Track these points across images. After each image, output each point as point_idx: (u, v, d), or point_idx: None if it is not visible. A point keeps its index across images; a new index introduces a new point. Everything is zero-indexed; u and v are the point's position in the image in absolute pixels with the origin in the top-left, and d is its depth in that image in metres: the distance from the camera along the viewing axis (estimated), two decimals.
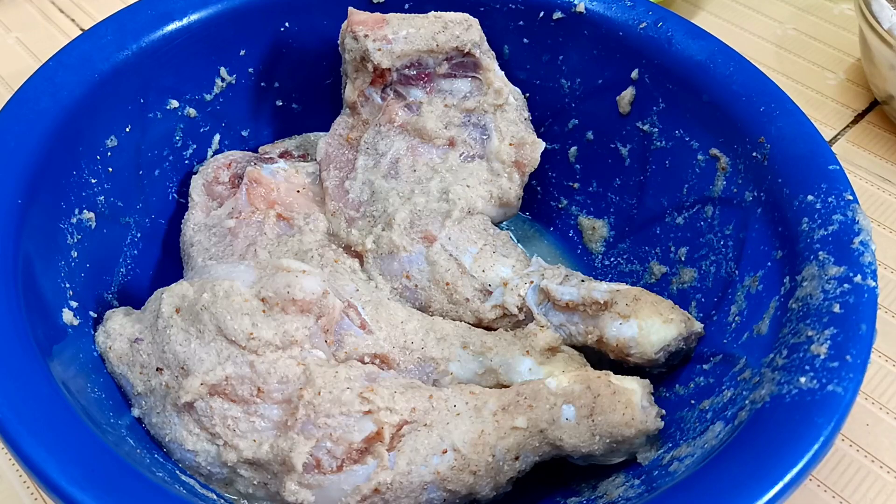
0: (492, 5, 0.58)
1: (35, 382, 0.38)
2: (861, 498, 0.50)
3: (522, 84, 0.59)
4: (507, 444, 0.44)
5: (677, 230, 0.54)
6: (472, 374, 0.48)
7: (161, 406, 0.44)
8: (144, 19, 0.54)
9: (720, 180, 0.51)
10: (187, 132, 0.57)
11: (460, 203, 0.53)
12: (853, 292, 0.41)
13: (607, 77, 0.57)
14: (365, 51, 0.54)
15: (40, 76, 0.50)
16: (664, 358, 0.48)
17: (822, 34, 0.79)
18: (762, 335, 0.44)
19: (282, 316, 0.44)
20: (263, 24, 0.58)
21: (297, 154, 0.60)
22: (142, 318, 0.47)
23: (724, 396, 0.43)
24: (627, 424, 0.44)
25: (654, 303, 0.48)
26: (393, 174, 0.54)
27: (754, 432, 0.38)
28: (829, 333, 0.40)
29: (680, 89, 0.54)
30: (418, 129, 0.55)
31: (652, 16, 0.55)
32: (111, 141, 0.52)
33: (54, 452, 0.36)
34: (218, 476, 0.44)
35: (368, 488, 0.42)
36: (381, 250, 0.52)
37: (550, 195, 0.62)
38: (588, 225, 0.60)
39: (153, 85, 0.54)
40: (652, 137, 0.56)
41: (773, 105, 0.50)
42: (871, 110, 0.72)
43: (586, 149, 0.60)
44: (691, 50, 0.53)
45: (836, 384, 0.38)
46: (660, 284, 0.54)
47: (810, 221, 0.45)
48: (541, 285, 0.50)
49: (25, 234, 0.44)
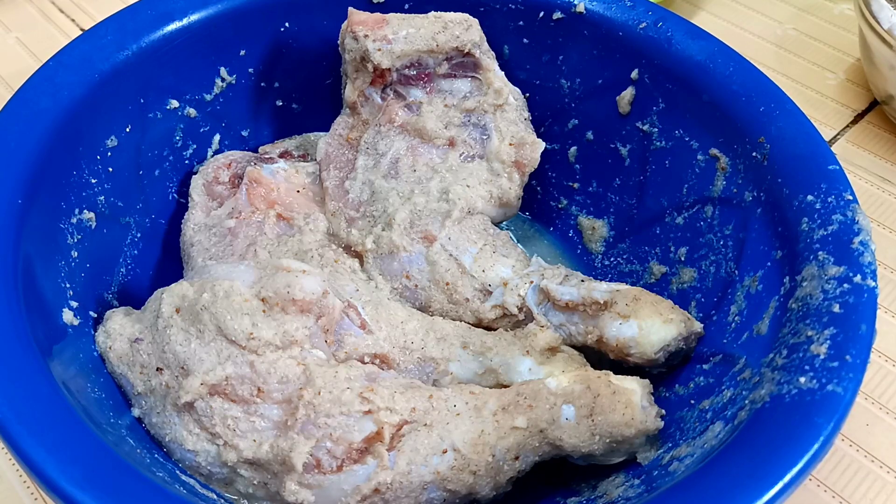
0: (492, 5, 0.58)
1: (35, 382, 0.38)
2: (861, 498, 0.50)
3: (522, 84, 0.59)
4: (507, 444, 0.44)
5: (677, 230, 0.54)
6: (472, 375, 0.48)
7: (161, 406, 0.44)
8: (144, 19, 0.54)
9: (720, 180, 0.51)
10: (187, 132, 0.57)
11: (460, 203, 0.53)
12: (853, 292, 0.41)
13: (607, 77, 0.57)
14: (365, 51, 0.54)
15: (40, 76, 0.50)
16: (664, 358, 0.48)
17: (822, 34, 0.79)
18: (762, 335, 0.44)
19: (282, 316, 0.44)
20: (263, 24, 0.58)
21: (297, 154, 0.60)
22: (142, 318, 0.47)
23: (724, 396, 0.43)
24: (627, 424, 0.44)
25: (654, 303, 0.48)
26: (393, 174, 0.54)
27: (754, 432, 0.38)
28: (828, 333, 0.40)
29: (680, 89, 0.54)
30: (418, 129, 0.55)
31: (652, 16, 0.55)
32: (111, 141, 0.52)
33: (54, 452, 0.36)
34: (218, 476, 0.44)
35: (368, 488, 0.42)
36: (381, 250, 0.52)
37: (550, 195, 0.62)
38: (588, 225, 0.60)
39: (153, 85, 0.54)
40: (652, 137, 0.56)
41: (772, 105, 0.50)
42: (871, 110, 0.72)
43: (586, 149, 0.60)
44: (691, 50, 0.53)
45: (836, 384, 0.38)
46: (660, 284, 0.54)
47: (810, 221, 0.45)
48: (541, 285, 0.50)
49: (25, 234, 0.44)
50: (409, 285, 0.52)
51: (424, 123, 0.55)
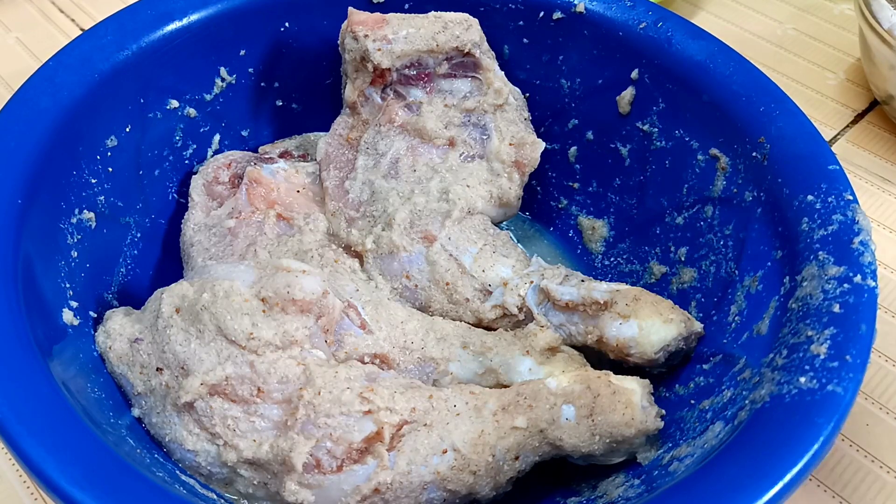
0: (492, 5, 0.58)
1: (35, 382, 0.38)
2: (861, 498, 0.50)
3: (522, 84, 0.59)
4: (507, 444, 0.44)
5: (677, 230, 0.54)
6: (472, 374, 0.48)
7: (161, 406, 0.44)
8: (144, 19, 0.54)
9: (720, 180, 0.51)
10: (187, 132, 0.57)
11: (460, 203, 0.53)
12: (853, 292, 0.41)
13: (607, 77, 0.57)
14: (365, 51, 0.54)
15: (40, 76, 0.50)
16: (664, 358, 0.48)
17: (822, 34, 0.79)
18: (762, 335, 0.44)
19: (282, 316, 0.44)
20: (263, 24, 0.58)
21: (297, 154, 0.60)
22: (142, 318, 0.47)
23: (724, 396, 0.43)
24: (627, 424, 0.44)
25: (654, 303, 0.48)
26: (393, 174, 0.54)
27: (754, 432, 0.38)
28: (828, 333, 0.40)
29: (680, 89, 0.54)
30: (418, 129, 0.55)
31: (652, 16, 0.55)
32: (111, 141, 0.52)
33: (54, 452, 0.36)
34: (218, 476, 0.44)
35: (368, 488, 0.42)
36: (381, 250, 0.52)
37: (550, 195, 0.62)
38: (588, 225, 0.60)
39: (153, 85, 0.54)
40: (652, 137, 0.56)
41: (773, 105, 0.50)
42: (871, 110, 0.72)
43: (586, 149, 0.60)
44: (691, 50, 0.53)
45: (836, 384, 0.38)
46: (660, 284, 0.54)
47: (810, 221, 0.45)
48: (541, 285, 0.50)
49: (25, 234, 0.44)
50: (408, 285, 0.52)
51: (424, 123, 0.55)
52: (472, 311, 0.51)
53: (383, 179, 0.54)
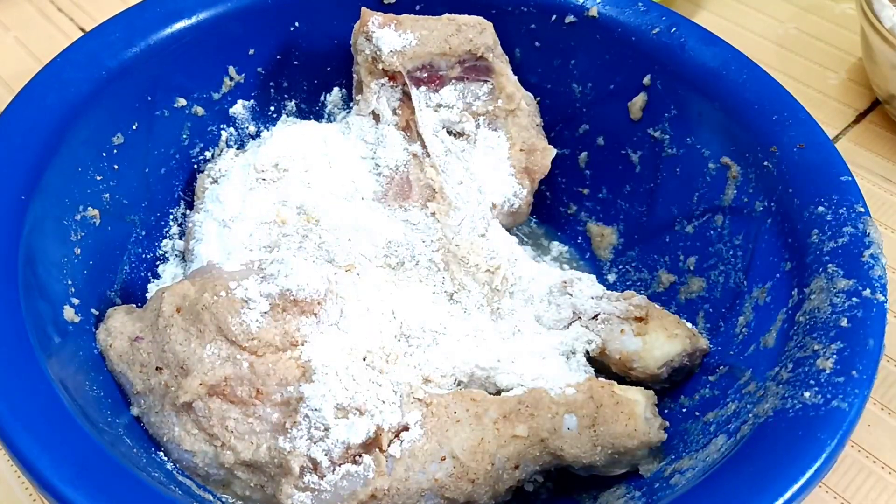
0: (503, 8, 0.58)
1: (31, 379, 0.38)
2: (862, 498, 0.49)
3: (533, 88, 0.59)
4: (507, 453, 0.43)
5: (687, 239, 0.53)
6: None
7: (160, 405, 0.44)
8: (153, 17, 0.54)
9: (731, 189, 0.51)
10: (194, 131, 0.57)
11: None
12: (861, 306, 0.40)
13: (619, 82, 0.56)
14: (377, 52, 0.54)
15: (47, 72, 0.50)
16: (667, 374, 0.47)
17: (824, 33, 0.79)
18: (769, 348, 0.44)
19: (283, 316, 0.44)
20: (273, 23, 0.58)
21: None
22: (143, 317, 0.46)
23: (729, 409, 0.43)
24: (630, 436, 0.43)
25: (660, 317, 0.48)
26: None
27: (756, 447, 0.37)
28: (835, 348, 0.39)
29: (692, 96, 0.53)
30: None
31: (665, 21, 0.55)
32: (118, 138, 0.52)
33: (48, 450, 0.36)
34: (215, 477, 0.44)
35: (365, 494, 0.41)
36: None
37: (560, 200, 0.61)
38: (597, 231, 0.59)
39: (161, 83, 0.54)
40: (663, 144, 0.55)
41: (785, 114, 0.49)
42: (873, 110, 0.72)
43: (597, 154, 0.59)
44: (704, 56, 0.53)
45: (841, 400, 0.37)
46: (668, 293, 0.54)
47: (820, 233, 0.44)
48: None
49: (29, 230, 0.44)
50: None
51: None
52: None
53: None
